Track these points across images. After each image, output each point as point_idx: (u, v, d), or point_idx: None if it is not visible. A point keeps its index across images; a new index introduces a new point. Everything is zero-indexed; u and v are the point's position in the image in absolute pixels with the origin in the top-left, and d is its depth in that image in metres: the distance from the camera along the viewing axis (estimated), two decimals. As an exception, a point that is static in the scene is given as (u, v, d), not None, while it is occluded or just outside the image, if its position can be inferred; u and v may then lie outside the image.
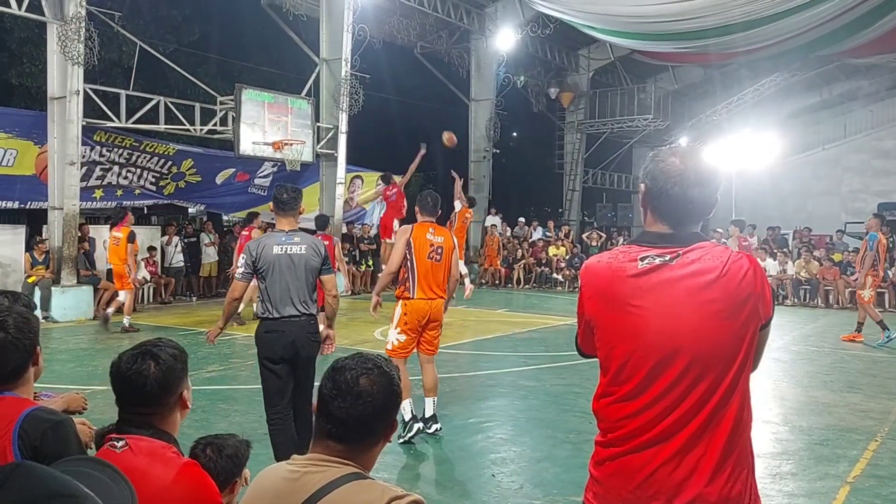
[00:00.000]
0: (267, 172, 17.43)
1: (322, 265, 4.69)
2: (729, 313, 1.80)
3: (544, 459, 5.28)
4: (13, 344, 2.08)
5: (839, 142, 25.56)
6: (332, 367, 1.77)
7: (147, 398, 2.00)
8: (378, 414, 1.73)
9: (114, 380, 2.03)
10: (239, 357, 9.06)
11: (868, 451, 5.51)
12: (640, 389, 1.85)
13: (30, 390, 2.18)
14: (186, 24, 19.97)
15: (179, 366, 2.07)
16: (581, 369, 7.97)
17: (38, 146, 13.17)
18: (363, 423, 1.71)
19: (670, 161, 1.91)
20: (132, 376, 1.99)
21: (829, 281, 16.12)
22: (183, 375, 2.09)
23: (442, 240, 5.70)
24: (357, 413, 1.70)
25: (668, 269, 1.85)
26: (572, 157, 25.85)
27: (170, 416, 2.06)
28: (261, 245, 4.60)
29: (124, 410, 2.03)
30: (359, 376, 1.72)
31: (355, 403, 1.69)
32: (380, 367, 1.76)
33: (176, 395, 2.06)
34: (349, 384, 1.71)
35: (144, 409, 2.01)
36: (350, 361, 1.76)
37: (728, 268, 1.81)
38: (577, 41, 23.38)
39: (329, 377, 1.75)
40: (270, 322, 4.61)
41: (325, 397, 1.73)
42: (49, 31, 12.33)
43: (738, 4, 14.87)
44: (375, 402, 1.71)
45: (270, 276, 4.55)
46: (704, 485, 1.79)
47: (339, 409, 1.70)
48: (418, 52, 21.20)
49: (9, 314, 2.11)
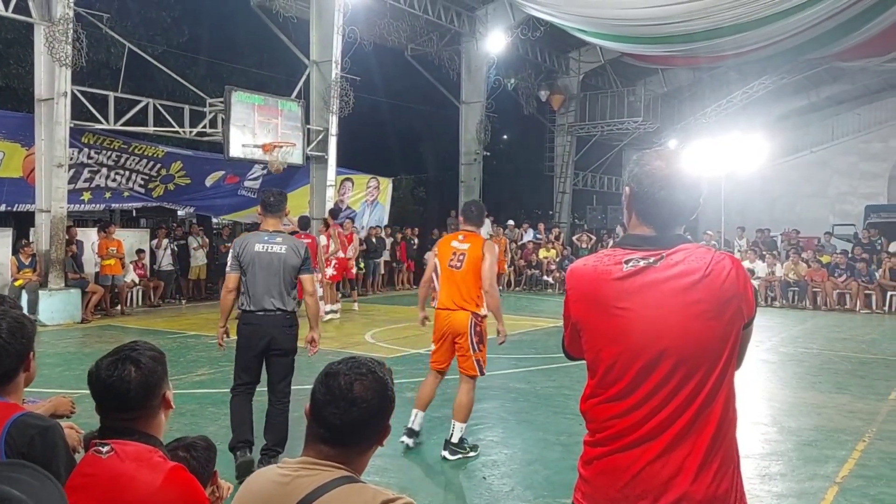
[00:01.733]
0: (257, 175, 17.38)
1: (301, 265, 4.89)
2: (713, 314, 1.82)
3: (535, 461, 5.29)
4: (4, 348, 2.05)
5: (827, 144, 25.77)
6: (325, 371, 1.74)
7: (130, 404, 1.97)
8: (372, 419, 1.71)
9: (93, 387, 1.98)
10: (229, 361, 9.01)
11: (856, 451, 5.54)
12: (628, 391, 1.86)
13: (19, 396, 2.15)
14: (175, 25, 19.87)
15: (160, 368, 2.04)
16: (571, 371, 7.98)
17: (25, 148, 13.08)
18: (357, 428, 1.70)
19: (656, 165, 1.93)
20: (114, 383, 1.95)
21: (817, 283, 16.21)
22: (164, 377, 2.06)
23: (467, 247, 5.22)
24: (351, 419, 1.68)
25: (652, 271, 1.86)
26: (563, 159, 25.91)
27: (154, 419, 2.04)
28: (244, 242, 4.89)
29: (107, 417, 2.00)
30: (352, 382, 1.69)
31: (349, 409, 1.67)
32: (373, 371, 1.73)
33: (159, 398, 2.03)
34: (343, 390, 1.69)
35: (128, 415, 1.98)
36: (343, 366, 1.73)
37: (711, 268, 1.83)
38: (568, 44, 23.45)
39: (322, 382, 1.72)
40: (248, 315, 4.84)
41: (319, 403, 1.70)
42: (36, 33, 12.25)
43: (727, 8, 14.95)
44: (370, 408, 1.69)
45: (251, 272, 4.80)
46: (690, 483, 1.80)
47: (332, 416, 1.68)
48: (409, 54, 21.20)
49: (3, 318, 2.08)
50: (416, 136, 29.78)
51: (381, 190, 21.02)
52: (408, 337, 11.03)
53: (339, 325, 12.53)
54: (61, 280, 12.34)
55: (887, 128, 24.88)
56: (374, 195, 20.80)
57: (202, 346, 9.92)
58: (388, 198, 21.48)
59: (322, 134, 16.79)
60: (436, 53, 21.44)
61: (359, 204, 20.28)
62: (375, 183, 20.77)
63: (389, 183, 21.46)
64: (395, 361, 8.94)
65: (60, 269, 12.35)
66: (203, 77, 19.74)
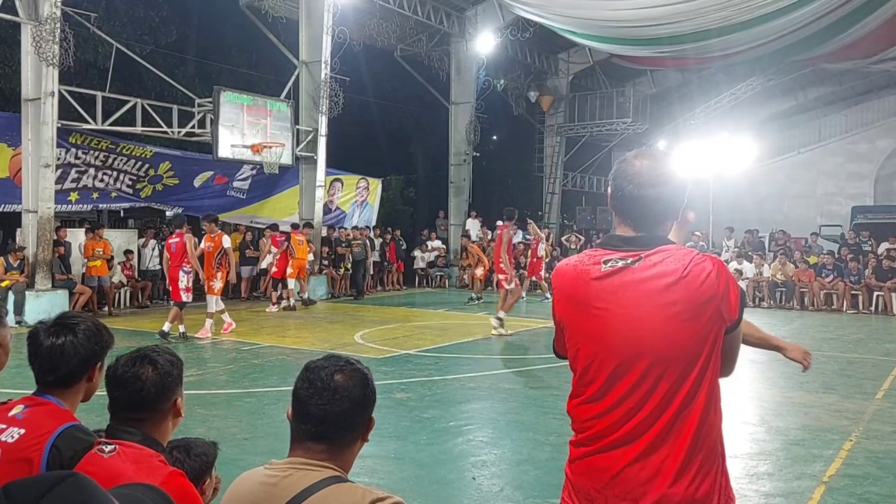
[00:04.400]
0: (246, 175, 17.31)
1: None
2: (689, 315, 1.82)
3: (524, 462, 5.29)
4: (73, 345, 2.08)
5: (814, 145, 25.93)
6: (305, 367, 1.78)
7: (142, 402, 2.00)
8: (356, 409, 1.73)
9: (109, 383, 2.02)
10: (217, 361, 8.99)
11: (843, 450, 5.58)
12: (604, 390, 1.87)
13: (75, 404, 2.16)
14: (164, 25, 19.78)
15: (176, 372, 2.08)
16: (560, 372, 7.99)
17: (11, 148, 12.98)
18: (342, 418, 1.71)
19: (636, 164, 1.95)
20: (129, 379, 1.99)
21: (804, 283, 16.32)
22: (178, 382, 2.10)
23: None
24: (336, 409, 1.70)
25: (629, 271, 1.87)
26: (552, 160, 25.95)
27: (162, 424, 2.06)
28: None
29: (117, 415, 2.03)
30: (333, 373, 1.73)
31: (333, 399, 1.70)
32: (352, 364, 1.78)
33: (170, 402, 2.06)
34: (325, 381, 1.72)
35: (137, 415, 2.01)
36: (321, 361, 1.78)
37: (689, 270, 1.83)
38: (557, 45, 23.49)
39: (303, 378, 1.75)
40: None
41: (302, 397, 1.72)
42: (23, 32, 12.15)
43: (712, 10, 15.04)
44: (353, 397, 1.72)
45: None
46: (668, 485, 1.81)
47: (317, 407, 1.70)
48: (398, 54, 21.17)
49: (82, 321, 2.15)
50: (406, 136, 29.75)
51: (370, 191, 20.99)
52: (397, 338, 11.02)
53: (328, 326, 12.51)
54: (48, 281, 12.25)
55: (874, 129, 25.08)
56: (364, 196, 20.77)
57: (190, 347, 9.88)
58: (378, 198, 21.45)
59: (311, 134, 16.75)
60: (425, 54, 21.42)
61: (348, 205, 20.24)
62: (365, 184, 20.74)
63: (379, 183, 21.44)
64: (384, 362, 8.94)
65: (48, 270, 12.25)
66: (191, 77, 19.65)
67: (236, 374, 8.22)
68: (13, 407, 2.06)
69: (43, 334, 2.12)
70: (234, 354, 9.48)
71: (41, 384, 2.12)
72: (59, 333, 2.11)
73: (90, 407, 2.26)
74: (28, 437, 1.96)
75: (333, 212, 19.51)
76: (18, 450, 1.94)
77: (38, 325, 2.18)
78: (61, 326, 2.13)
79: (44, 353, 2.09)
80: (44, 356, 2.10)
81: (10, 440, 1.96)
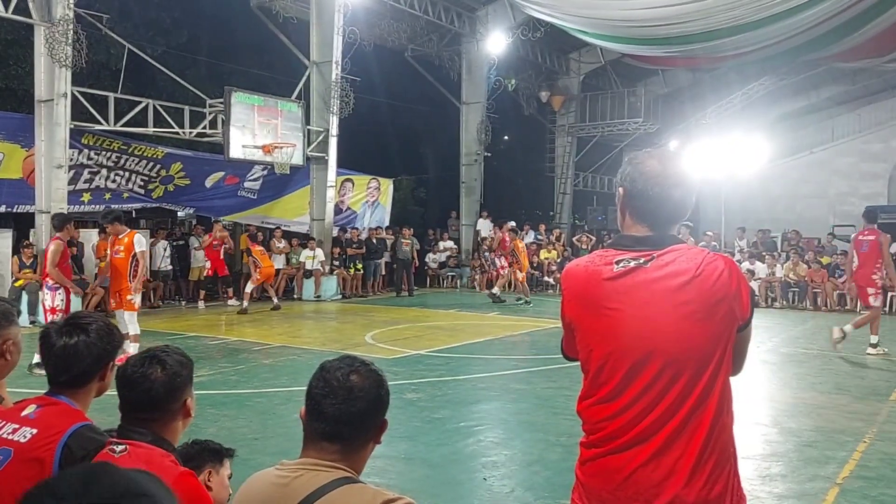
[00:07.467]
0: (257, 176, 17.37)
1: None
2: (703, 315, 1.82)
3: (535, 463, 5.28)
4: (87, 345, 2.11)
5: (827, 145, 25.72)
6: (321, 367, 1.79)
7: (151, 402, 2.01)
8: (370, 409, 1.74)
9: (119, 383, 2.04)
10: (228, 362, 9.02)
11: (857, 452, 5.53)
12: (617, 391, 1.86)
13: (87, 404, 2.18)
14: (175, 26, 19.88)
15: (185, 372, 2.09)
16: (571, 372, 7.94)
17: (25, 149, 13.08)
18: (356, 418, 1.72)
19: (649, 163, 1.94)
20: (138, 379, 2.00)
21: (817, 283, 16.21)
22: (188, 383, 2.11)
23: None
24: (351, 409, 1.71)
25: (642, 271, 1.86)
26: (563, 160, 25.90)
27: (172, 424, 2.07)
28: None
29: (127, 415, 2.04)
30: (349, 373, 1.74)
31: (348, 398, 1.71)
32: (367, 365, 1.79)
33: (179, 403, 2.07)
34: (340, 381, 1.73)
35: (147, 415, 2.02)
36: (337, 361, 1.79)
37: (702, 269, 1.82)
38: (568, 45, 23.43)
39: (319, 377, 1.76)
40: None
41: (317, 397, 1.73)
42: (36, 34, 12.25)
43: (722, 10, 14.96)
44: (368, 397, 1.73)
45: None
46: (682, 486, 1.80)
47: (332, 407, 1.71)
48: (409, 55, 21.19)
49: (94, 321, 2.18)
50: (417, 136, 29.74)
51: (381, 191, 21.00)
52: (408, 338, 11.03)
53: (338, 326, 12.54)
54: (61, 281, 12.30)
55: (887, 128, 24.83)
56: (375, 196, 20.78)
57: (202, 348, 9.93)
58: (389, 199, 21.46)
59: (322, 135, 16.78)
60: (436, 54, 21.43)
61: (359, 205, 20.26)
62: (376, 184, 20.75)
63: (390, 184, 21.44)
64: (395, 362, 8.94)
65: (60, 270, 12.32)
66: (203, 78, 19.73)
67: (247, 374, 8.25)
68: (26, 406, 2.07)
69: (55, 334, 2.13)
70: (244, 354, 9.52)
71: (54, 384, 2.13)
72: (71, 333, 2.12)
73: (102, 406, 2.27)
74: (40, 437, 1.97)
75: (344, 212, 19.53)
76: (31, 449, 1.95)
77: (51, 324, 2.20)
78: (74, 326, 2.15)
79: (57, 353, 2.11)
80: (57, 356, 2.11)
81: (23, 440, 1.97)
